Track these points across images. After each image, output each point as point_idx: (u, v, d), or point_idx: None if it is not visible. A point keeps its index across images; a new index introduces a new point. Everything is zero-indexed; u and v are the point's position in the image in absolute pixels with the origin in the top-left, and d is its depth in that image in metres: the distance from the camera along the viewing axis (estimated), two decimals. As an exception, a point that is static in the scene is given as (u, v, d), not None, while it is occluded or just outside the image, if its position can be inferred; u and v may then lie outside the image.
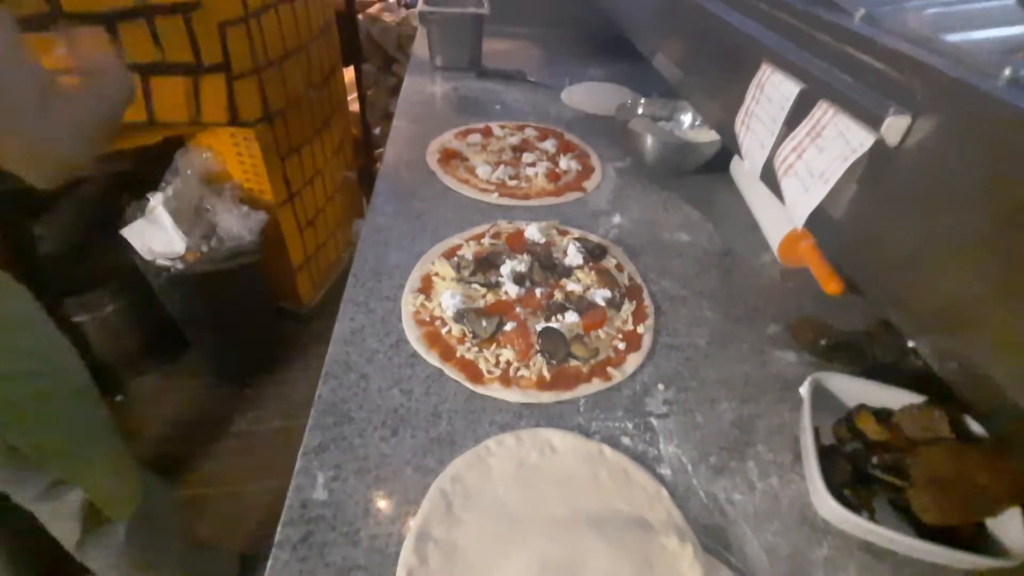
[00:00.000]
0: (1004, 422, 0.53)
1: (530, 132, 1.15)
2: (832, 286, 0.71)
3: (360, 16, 2.28)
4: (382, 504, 0.50)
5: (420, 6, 1.43)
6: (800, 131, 0.54)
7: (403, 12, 2.32)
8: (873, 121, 0.43)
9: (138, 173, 1.63)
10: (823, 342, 0.69)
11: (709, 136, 1.01)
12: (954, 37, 0.46)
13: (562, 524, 0.48)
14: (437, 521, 0.48)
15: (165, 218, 1.47)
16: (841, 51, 0.50)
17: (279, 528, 0.48)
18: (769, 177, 0.60)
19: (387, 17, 2.24)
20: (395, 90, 2.01)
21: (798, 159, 0.54)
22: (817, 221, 0.53)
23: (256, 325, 1.90)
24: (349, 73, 2.39)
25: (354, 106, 2.50)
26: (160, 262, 1.50)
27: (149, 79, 1.30)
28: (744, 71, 0.63)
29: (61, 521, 0.91)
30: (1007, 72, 0.37)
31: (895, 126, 0.42)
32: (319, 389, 0.59)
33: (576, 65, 1.59)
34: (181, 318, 1.73)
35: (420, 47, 1.63)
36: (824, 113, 0.50)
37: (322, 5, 1.90)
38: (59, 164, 0.64)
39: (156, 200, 1.50)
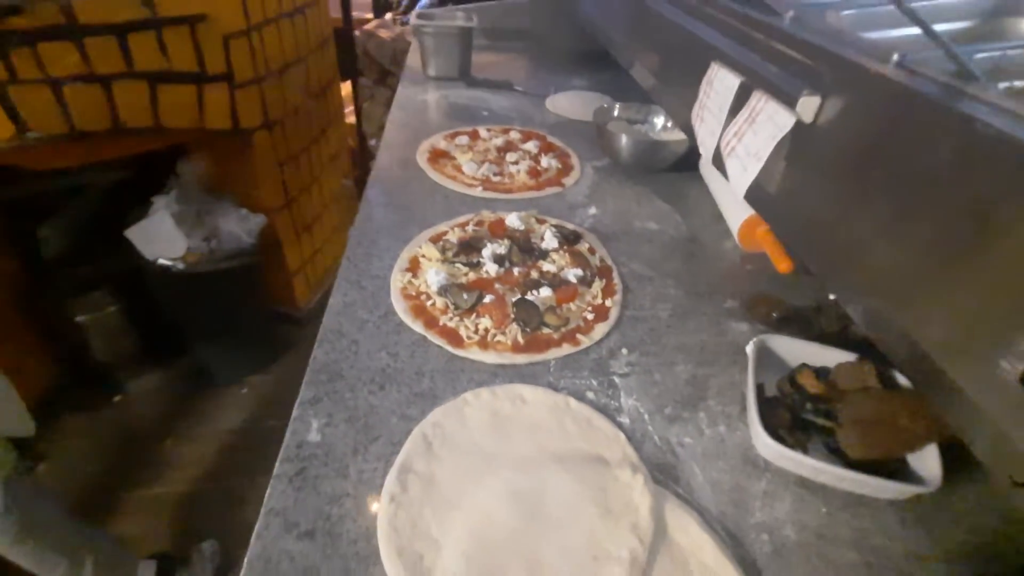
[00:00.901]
0: (910, 370, 0.59)
1: (514, 135, 1.23)
2: (783, 265, 0.78)
3: (357, 32, 2.38)
4: (369, 446, 0.56)
5: (413, 20, 1.52)
6: (740, 118, 0.61)
7: (398, 28, 2.42)
8: (792, 103, 0.50)
9: (142, 178, 1.70)
10: (775, 315, 0.76)
11: (679, 136, 1.09)
12: (862, 35, 0.54)
13: (529, 460, 0.54)
14: (418, 457, 0.54)
15: (167, 220, 1.54)
16: (771, 47, 0.57)
17: (277, 464, 0.53)
18: (719, 161, 0.67)
19: (383, 33, 2.34)
20: (390, 103, 2.10)
21: (739, 142, 0.61)
22: (756, 196, 0.60)
23: (253, 327, 1.95)
24: (346, 87, 2.48)
25: (351, 118, 2.59)
26: (162, 262, 1.56)
27: (156, 86, 1.38)
28: (700, 72, 0.71)
29: None
30: (895, 57, 0.44)
31: (808, 105, 0.49)
32: (314, 352, 0.66)
33: (561, 75, 1.68)
34: (180, 318, 1.79)
35: (413, 59, 1.72)
36: (759, 101, 0.58)
37: (321, 21, 1.99)
38: None
39: (159, 203, 1.56)
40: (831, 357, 0.65)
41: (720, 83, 0.66)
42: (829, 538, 0.51)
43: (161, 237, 1.55)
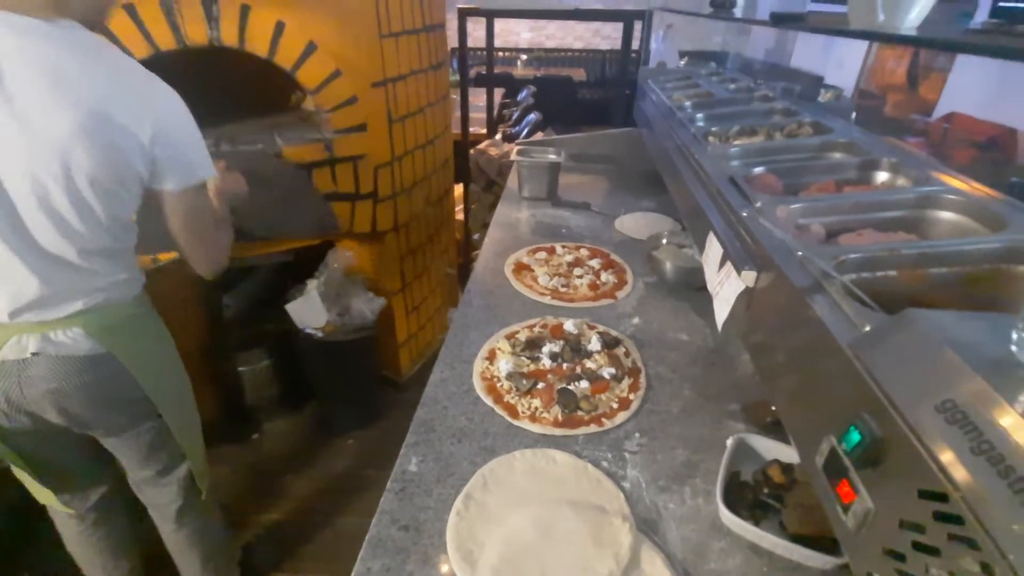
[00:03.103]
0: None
1: (583, 251, 1.54)
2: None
3: (472, 151, 2.91)
4: (447, 478, 0.84)
5: (513, 155, 1.94)
6: (721, 273, 0.86)
7: (505, 146, 2.92)
8: (740, 273, 0.75)
9: (298, 264, 2.23)
10: (768, 419, 0.95)
11: (717, 263, 1.33)
12: (803, 220, 0.79)
13: (551, 502, 0.79)
14: (477, 490, 0.81)
15: (316, 299, 2.00)
16: (738, 229, 0.83)
17: (388, 484, 0.83)
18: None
19: (492, 151, 2.85)
20: (493, 205, 2.53)
21: (720, 289, 0.86)
22: (729, 329, 0.83)
23: (364, 388, 2.34)
24: (459, 188, 2.99)
25: (459, 215, 3.08)
26: (308, 331, 2.02)
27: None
28: (705, 229, 0.97)
29: (168, 488, 1.26)
30: (800, 253, 0.68)
31: (748, 276, 0.74)
32: (417, 411, 0.96)
33: (633, 196, 1.99)
34: (311, 375, 2.23)
35: (512, 180, 2.13)
36: (728, 265, 0.83)
37: (445, 145, 2.51)
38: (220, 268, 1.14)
39: (312, 285, 2.04)
40: (798, 456, 0.83)
41: (712, 246, 0.92)
42: (764, 589, 0.69)
43: (310, 312, 2.01)
